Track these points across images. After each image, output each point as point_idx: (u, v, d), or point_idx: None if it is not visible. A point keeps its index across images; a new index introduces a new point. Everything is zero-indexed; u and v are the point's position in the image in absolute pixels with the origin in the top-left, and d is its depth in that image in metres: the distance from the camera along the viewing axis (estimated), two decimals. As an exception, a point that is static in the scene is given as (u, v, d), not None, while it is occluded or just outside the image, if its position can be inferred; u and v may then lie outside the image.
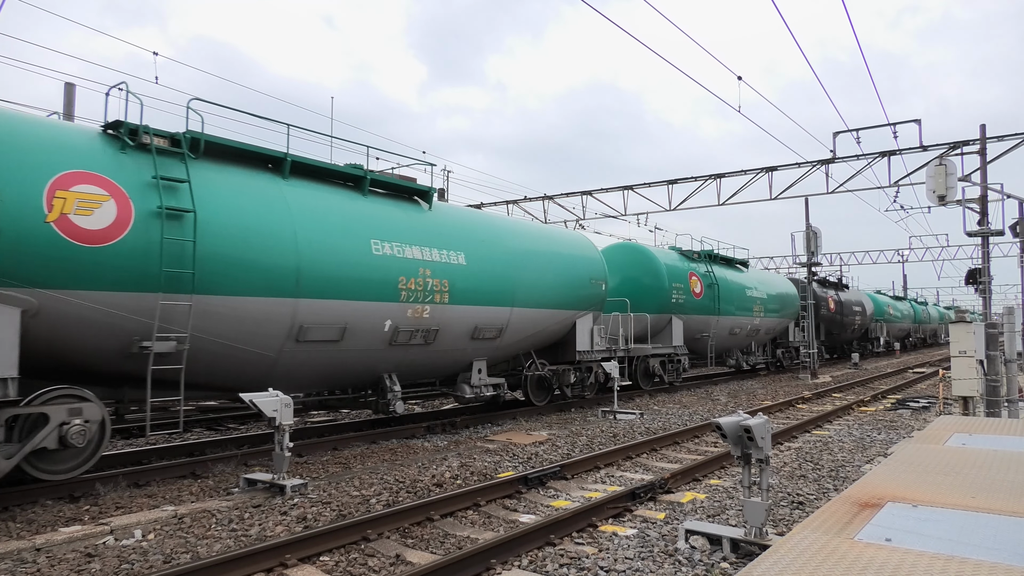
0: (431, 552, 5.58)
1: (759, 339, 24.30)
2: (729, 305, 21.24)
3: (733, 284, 21.74)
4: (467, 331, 11.30)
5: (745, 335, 22.78)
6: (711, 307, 20.32)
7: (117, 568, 5.14)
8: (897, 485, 4.44)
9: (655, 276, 18.86)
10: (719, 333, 20.97)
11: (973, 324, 11.38)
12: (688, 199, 22.56)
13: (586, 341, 14.38)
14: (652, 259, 19.05)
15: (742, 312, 22.03)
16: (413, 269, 10.18)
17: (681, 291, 19.04)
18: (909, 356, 44.04)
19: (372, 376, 10.56)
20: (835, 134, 19.36)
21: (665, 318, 18.91)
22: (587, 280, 14.11)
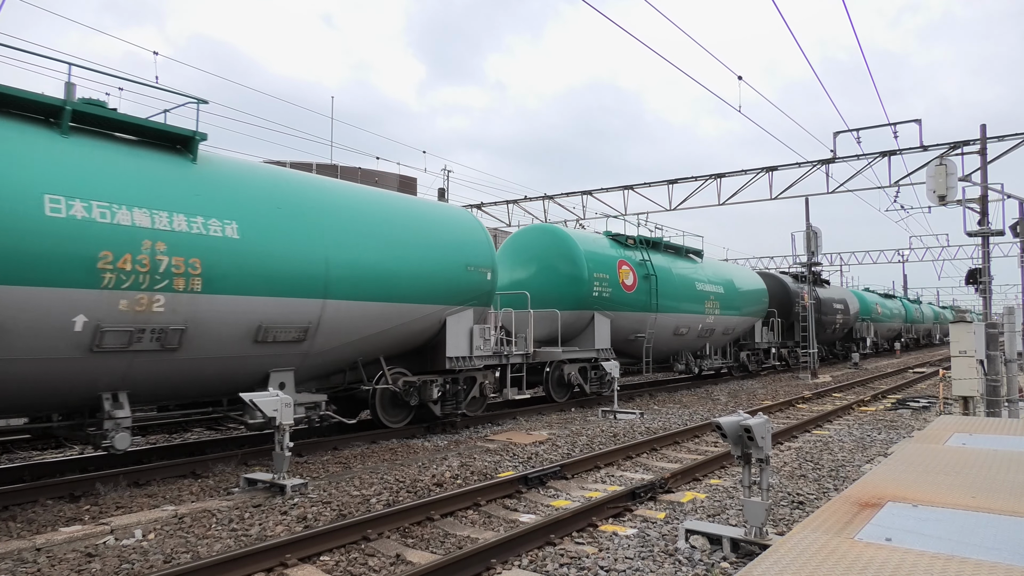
0: (431, 552, 5.58)
1: (715, 340, 21.18)
2: (672, 300, 18.01)
3: (678, 276, 18.60)
4: (245, 332, 8.20)
5: (695, 336, 19.64)
6: (647, 302, 16.97)
7: (117, 568, 5.14)
8: (897, 485, 4.44)
9: (572, 264, 15.33)
10: (659, 334, 17.70)
11: (973, 324, 11.37)
12: (688, 199, 22.56)
13: (462, 345, 11.51)
14: (568, 244, 15.55)
15: (691, 309, 18.87)
16: (132, 241, 7.04)
17: (606, 283, 15.67)
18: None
19: (74, 397, 7.34)
20: (835, 134, 19.36)
21: (585, 316, 15.53)
22: (462, 266, 11.18)
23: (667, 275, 18.08)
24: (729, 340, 22.38)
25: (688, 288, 18.84)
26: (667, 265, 18.41)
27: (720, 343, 21.78)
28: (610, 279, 15.82)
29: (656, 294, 17.36)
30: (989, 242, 17.10)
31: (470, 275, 11.46)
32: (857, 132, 18.73)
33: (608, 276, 15.76)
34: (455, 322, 11.41)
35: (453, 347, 11.42)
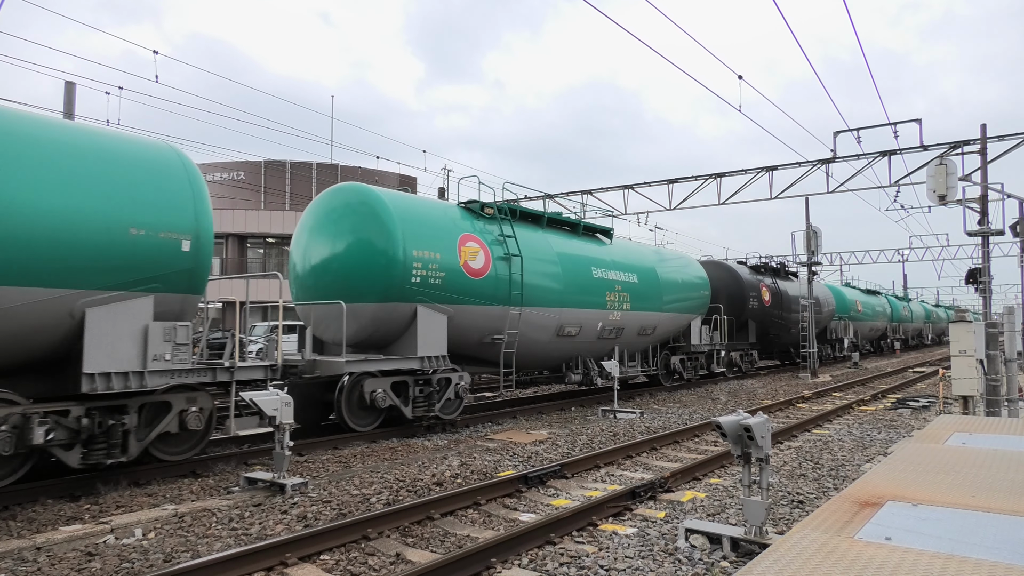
0: (431, 551, 5.58)
1: (629, 342, 16.61)
2: (548, 291, 13.56)
3: (562, 259, 14.18)
4: None
5: (594, 337, 15.06)
6: (505, 293, 12.56)
7: (118, 567, 5.14)
8: (897, 484, 4.45)
9: (381, 237, 10.85)
10: (529, 334, 13.32)
11: (973, 323, 11.38)
12: (688, 198, 22.54)
13: (123, 354, 7.51)
14: (376, 209, 11.04)
15: (583, 302, 14.42)
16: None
17: (438, 265, 11.40)
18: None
19: None
20: (835, 133, 19.35)
21: (403, 310, 11.00)
22: (121, 227, 7.40)
23: (542, 257, 13.63)
24: (652, 342, 18.03)
25: (579, 275, 14.41)
26: (544, 244, 13.94)
27: (638, 346, 17.32)
28: (444, 260, 11.52)
29: (520, 282, 12.82)
30: (989, 242, 17.10)
31: (141, 242, 7.55)
32: (857, 132, 18.72)
33: (441, 256, 11.46)
34: (105, 318, 7.36)
35: (100, 358, 7.32)
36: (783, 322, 26.01)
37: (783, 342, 27.50)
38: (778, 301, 25.32)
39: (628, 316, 16.05)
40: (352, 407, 10.60)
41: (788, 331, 26.76)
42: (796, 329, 27.48)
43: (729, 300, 22.54)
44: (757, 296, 23.64)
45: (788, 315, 26.34)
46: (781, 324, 25.83)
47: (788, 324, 26.55)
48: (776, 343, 26.77)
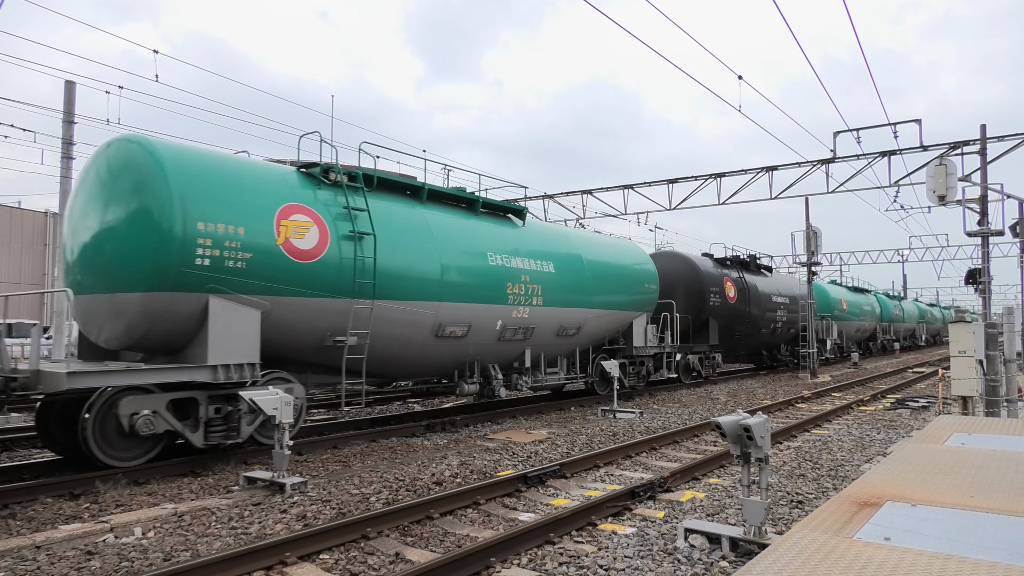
0: (431, 550, 5.59)
1: (546, 344, 13.79)
2: (419, 282, 10.72)
3: (443, 239, 11.28)
4: None
5: (493, 339, 12.24)
6: (349, 280, 9.73)
7: (117, 566, 5.14)
8: (896, 484, 4.45)
9: (152, 203, 8.22)
10: (391, 333, 10.50)
11: (973, 324, 11.38)
12: (688, 198, 22.57)
13: None
14: (146, 165, 8.37)
15: (472, 295, 11.62)
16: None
17: (240, 243, 8.65)
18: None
19: None
20: (835, 134, 19.38)
21: (187, 302, 8.32)
22: None
23: (413, 238, 10.72)
24: (580, 344, 15.07)
25: (468, 262, 11.61)
26: (419, 223, 11.04)
27: (559, 349, 14.44)
28: (251, 237, 8.74)
29: (372, 269, 9.87)
30: (989, 242, 17.11)
31: None
32: (857, 132, 18.74)
33: (246, 231, 8.70)
34: None
35: None
36: (752, 321, 23.07)
37: (753, 343, 24.55)
38: (745, 297, 22.54)
39: (540, 313, 13.13)
40: (106, 434, 7.83)
41: (758, 331, 23.77)
42: (770, 329, 24.65)
43: (686, 296, 20.25)
44: (720, 292, 21.06)
45: (759, 313, 23.45)
46: (749, 323, 22.88)
47: (758, 323, 23.55)
48: (744, 344, 23.76)
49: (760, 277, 24.98)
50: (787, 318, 26.25)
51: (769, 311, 24.45)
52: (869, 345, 41.10)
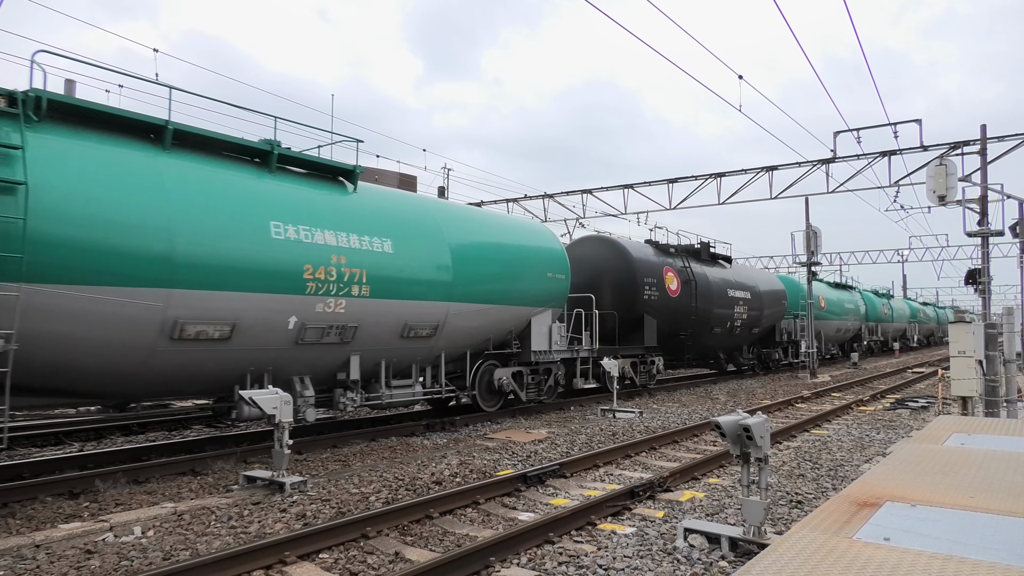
0: (430, 550, 5.59)
1: (385, 348, 10.47)
2: (133, 258, 7.42)
3: (201, 202, 8.15)
4: None
5: (287, 342, 9.03)
6: None
7: (116, 565, 5.14)
8: (896, 485, 4.45)
9: None
10: (89, 336, 7.20)
11: (972, 324, 11.38)
12: (688, 198, 22.57)
13: None
14: None
15: (236, 281, 8.34)
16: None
17: None
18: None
19: None
20: (836, 133, 19.38)
21: None
22: None
23: (119, 192, 7.44)
24: (448, 348, 11.61)
25: (231, 234, 8.30)
26: (148, 175, 7.81)
27: (414, 355, 11.00)
28: None
29: (20, 234, 6.65)
30: (989, 242, 17.12)
31: None
32: (857, 132, 18.74)
33: None
34: None
35: None
36: (701, 318, 19.59)
37: (704, 345, 20.66)
38: (692, 291, 19.09)
39: (367, 306, 9.77)
40: None
41: (709, 331, 20.23)
42: (726, 328, 21.10)
43: (614, 288, 16.90)
44: (658, 283, 17.57)
45: (710, 310, 20.01)
46: (698, 321, 19.46)
47: (709, 321, 20.10)
48: (694, 347, 20.07)
49: (714, 268, 21.27)
50: (748, 316, 22.30)
51: (724, 307, 20.80)
52: (854, 347, 36.76)
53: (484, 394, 12.79)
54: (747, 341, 23.87)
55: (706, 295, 19.88)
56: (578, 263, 16.59)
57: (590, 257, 17.30)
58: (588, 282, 16.87)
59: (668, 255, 19.16)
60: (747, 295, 22.44)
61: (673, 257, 19.29)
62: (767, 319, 24.24)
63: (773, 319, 25.03)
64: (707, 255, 21.45)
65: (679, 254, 19.76)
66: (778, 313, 25.25)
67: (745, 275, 23.24)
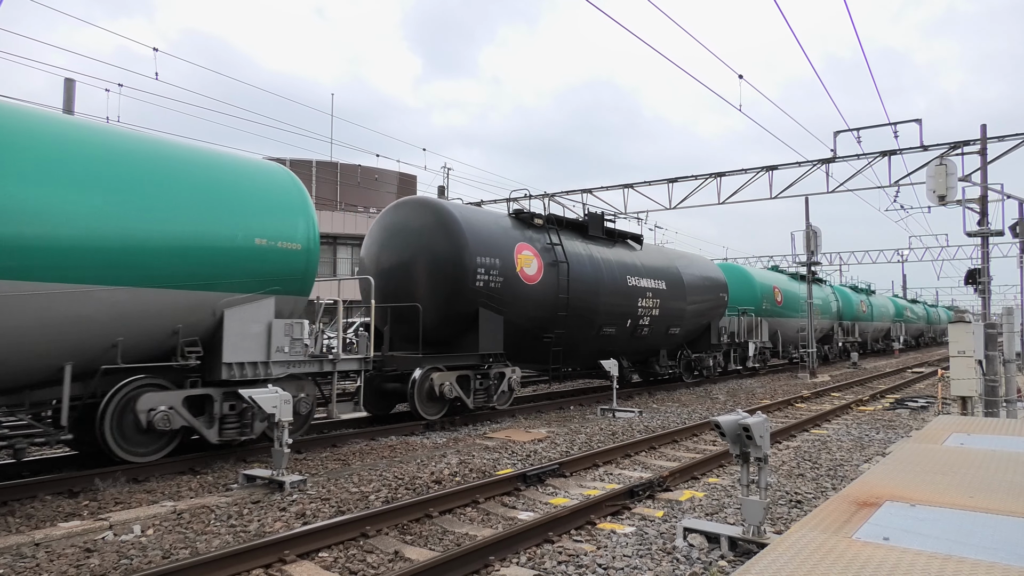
0: (430, 549, 5.59)
1: None
2: None
3: None
4: None
5: None
6: None
7: (116, 563, 5.15)
8: (895, 484, 4.45)
9: None
10: None
11: (972, 324, 11.38)
12: (688, 197, 22.56)
13: None
14: None
15: None
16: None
17: None
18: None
19: None
20: (836, 133, 19.37)
21: None
22: None
23: None
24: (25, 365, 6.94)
25: None
26: None
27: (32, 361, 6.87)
28: None
29: None
30: (988, 242, 17.12)
31: None
32: (857, 132, 18.74)
33: None
34: None
35: None
36: (580, 315, 14.50)
37: (590, 350, 15.43)
38: (560, 277, 13.85)
39: None
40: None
41: (595, 331, 15.12)
42: (626, 328, 16.01)
43: (431, 271, 12.08)
44: (503, 266, 12.61)
45: (594, 303, 14.80)
46: (574, 318, 14.37)
47: (595, 319, 14.93)
48: (569, 353, 14.84)
49: (607, 248, 16.07)
50: (663, 312, 17.35)
51: (619, 301, 15.61)
52: (826, 350, 31.88)
53: (121, 438, 7.89)
54: (666, 344, 18.58)
55: (587, 283, 14.68)
56: (392, 236, 12.61)
57: (404, 227, 12.49)
58: (398, 263, 12.35)
59: (531, 228, 14.09)
60: (660, 285, 17.34)
61: (536, 231, 14.15)
62: (696, 316, 19.29)
63: (706, 316, 19.92)
64: (598, 231, 16.17)
65: (547, 228, 14.46)
66: (714, 309, 20.24)
67: (661, 260, 18.23)
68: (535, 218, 14.44)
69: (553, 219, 15.12)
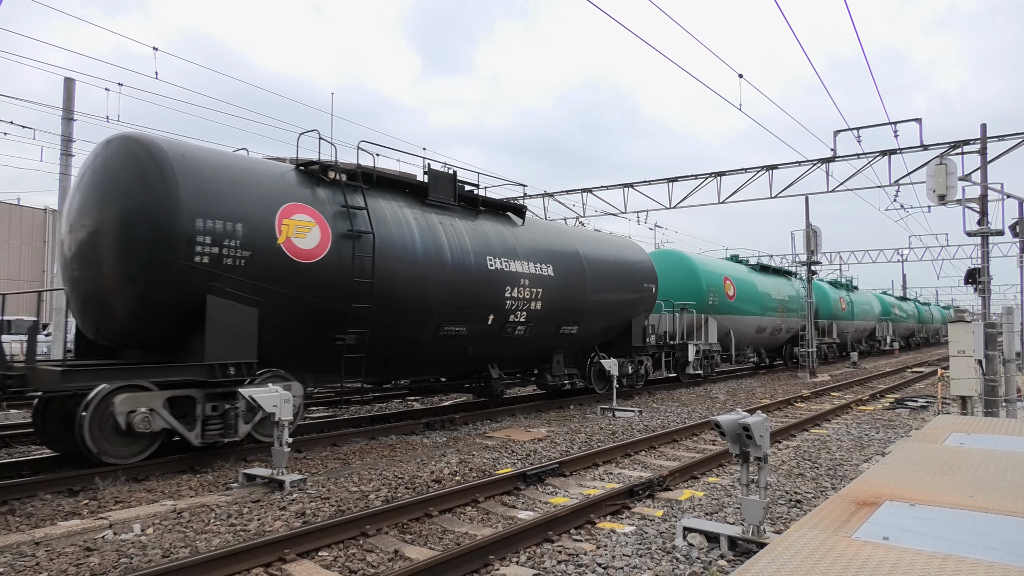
0: (429, 548, 5.59)
1: None
2: None
3: None
4: None
5: None
6: None
7: (116, 562, 5.15)
8: (895, 484, 4.45)
9: None
10: None
11: (972, 324, 11.38)
12: (688, 197, 22.56)
13: None
14: None
15: None
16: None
17: None
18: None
19: None
20: (836, 132, 19.38)
21: None
22: None
23: None
24: None
25: None
26: None
27: None
28: None
29: None
30: (988, 242, 17.11)
31: None
32: (857, 131, 18.74)
33: None
34: None
35: None
36: (396, 307, 10.46)
37: (424, 357, 11.49)
38: (361, 257, 9.93)
39: None
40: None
41: (427, 328, 11.02)
42: (480, 327, 12.02)
43: (118, 235, 8.27)
44: (257, 235, 8.86)
45: (428, 291, 10.90)
46: (389, 313, 10.36)
47: (426, 314, 10.93)
48: (389, 359, 10.95)
49: (457, 219, 12.00)
50: (546, 305, 13.26)
51: (477, 291, 11.77)
52: (794, 352, 27.76)
53: None
54: (560, 347, 14.37)
55: (412, 264, 10.60)
56: (87, 189, 8.73)
57: (102, 175, 8.62)
58: (86, 229, 8.59)
59: (319, 184, 9.90)
60: (546, 271, 13.31)
61: (329, 188, 10.00)
62: (605, 312, 15.11)
63: (623, 312, 15.86)
64: (446, 195, 12.02)
65: (347, 186, 10.17)
66: (635, 303, 16.21)
67: (550, 239, 14.02)
68: (328, 171, 10.13)
69: (362, 174, 10.62)
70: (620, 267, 15.96)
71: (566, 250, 14.39)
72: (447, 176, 12.15)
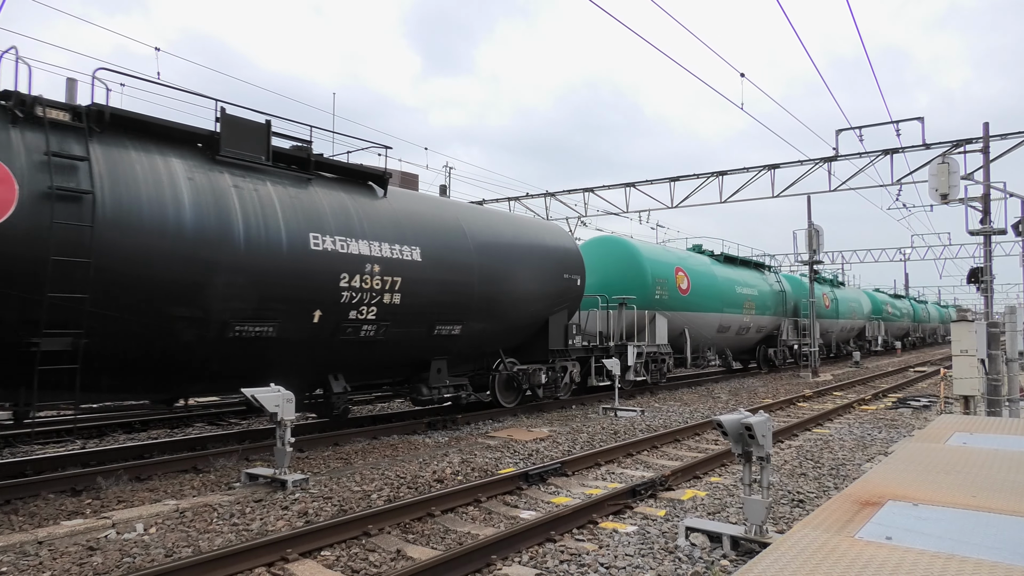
0: (432, 547, 5.59)
1: None
2: None
3: None
4: None
5: None
6: None
7: (119, 561, 5.16)
8: (898, 484, 4.45)
9: None
10: None
11: (975, 323, 11.37)
12: (690, 196, 22.55)
13: None
14: None
15: None
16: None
17: None
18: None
19: None
20: (838, 131, 19.36)
21: None
22: None
23: None
24: None
25: None
26: None
27: None
28: None
29: None
30: (991, 241, 17.09)
31: None
32: (859, 130, 18.72)
33: None
34: None
35: None
36: (146, 299, 7.51)
37: (217, 366, 8.54)
38: (78, 228, 6.91)
39: None
40: None
41: (208, 328, 8.13)
42: (298, 326, 9.04)
43: None
44: None
45: (209, 279, 8.03)
46: (131, 306, 7.41)
47: (206, 309, 8.04)
48: (132, 372, 7.91)
49: (273, 184, 9.05)
50: (407, 299, 10.35)
51: (292, 281, 8.84)
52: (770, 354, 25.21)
53: None
54: (436, 352, 11.53)
55: (177, 241, 7.81)
56: None
57: None
58: None
59: (17, 124, 6.96)
60: (411, 255, 10.48)
61: (31, 129, 7.06)
62: (506, 307, 12.32)
63: (537, 308, 13.09)
64: (257, 150, 9.03)
65: (64, 126, 7.31)
66: (554, 297, 13.46)
67: (422, 213, 11.14)
68: (37, 105, 7.14)
69: (92, 113, 7.58)
70: (529, 253, 12.87)
71: (445, 229, 11.33)
72: (253, 126, 9.04)
